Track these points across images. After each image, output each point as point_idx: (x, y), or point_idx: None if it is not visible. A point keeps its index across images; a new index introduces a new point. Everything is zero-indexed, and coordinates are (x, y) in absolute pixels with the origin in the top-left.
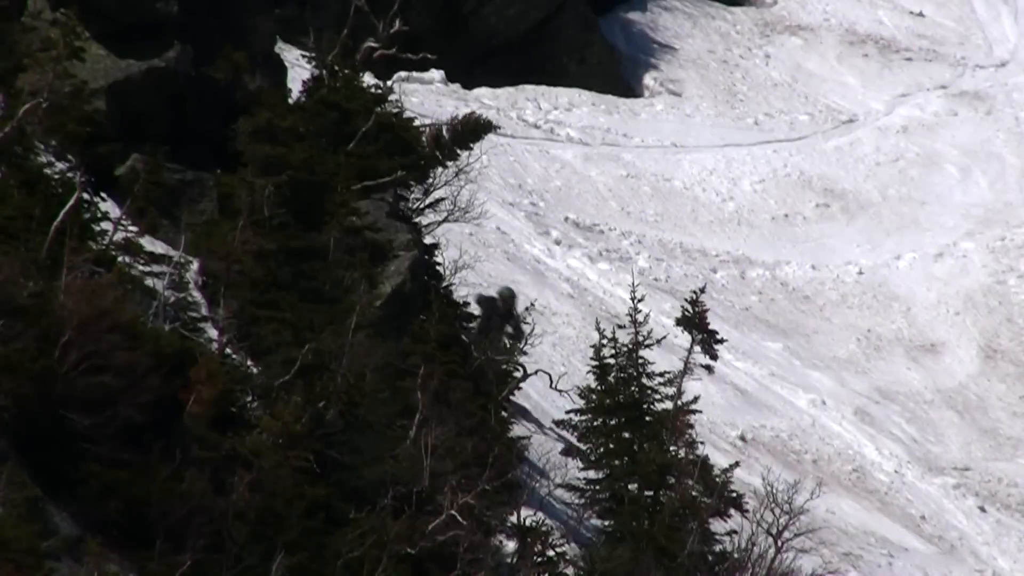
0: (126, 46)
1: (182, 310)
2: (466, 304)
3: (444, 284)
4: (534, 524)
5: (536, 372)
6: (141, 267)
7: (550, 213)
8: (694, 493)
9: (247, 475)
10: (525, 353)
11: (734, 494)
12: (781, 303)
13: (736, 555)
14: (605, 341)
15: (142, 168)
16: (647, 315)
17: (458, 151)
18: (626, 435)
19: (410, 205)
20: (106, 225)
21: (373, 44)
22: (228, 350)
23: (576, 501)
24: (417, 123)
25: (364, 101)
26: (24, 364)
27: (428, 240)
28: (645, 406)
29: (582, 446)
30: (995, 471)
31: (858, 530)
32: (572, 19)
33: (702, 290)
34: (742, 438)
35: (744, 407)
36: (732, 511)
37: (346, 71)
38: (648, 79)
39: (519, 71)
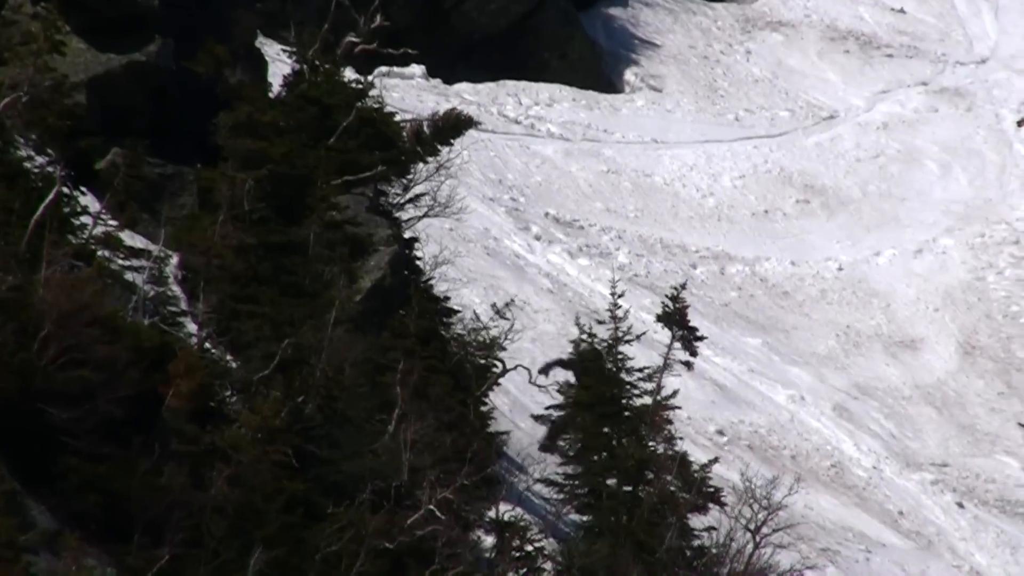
0: (107, 40)
1: (162, 304)
2: (447, 299)
3: (424, 279)
4: (513, 519)
5: (516, 367)
6: (121, 261)
7: (530, 208)
8: (673, 488)
9: (226, 469)
10: (504, 348)
11: (712, 489)
12: (761, 299)
13: (714, 550)
14: (584, 337)
15: (122, 162)
16: (627, 311)
17: (439, 146)
18: (605, 430)
19: (390, 200)
20: (86, 219)
21: (354, 39)
22: (207, 344)
23: (555, 496)
24: (398, 118)
25: (345, 96)
26: (3, 358)
27: (408, 235)
28: (624, 401)
29: (561, 441)
30: (973, 467)
31: (836, 525)
32: (553, 15)
33: (682, 286)
34: (720, 433)
35: (723, 403)
36: (710, 506)
37: (327, 66)
38: (629, 75)
39: (500, 66)
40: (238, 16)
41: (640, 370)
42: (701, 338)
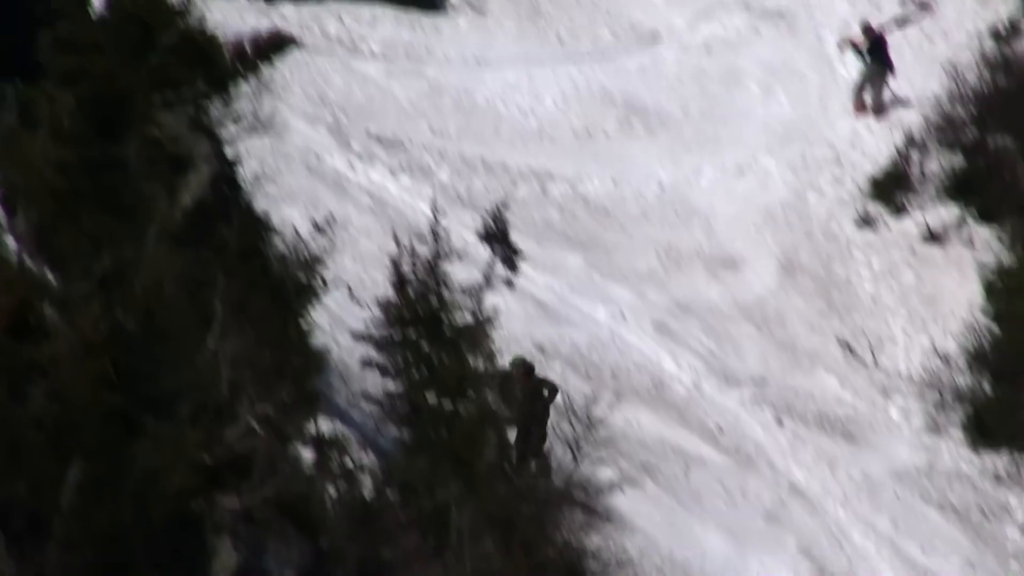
0: None
1: None
2: (267, 216)
3: (244, 196)
4: (332, 435)
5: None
6: None
7: (352, 127)
8: (492, 405)
9: (45, 384)
10: (325, 265)
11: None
12: (582, 217)
13: (534, 466)
14: (405, 254)
15: None
16: (448, 229)
17: (260, 65)
18: (425, 347)
19: (211, 118)
20: None
21: None
22: (27, 260)
23: (375, 411)
24: (219, 37)
25: (166, 15)
26: None
27: (229, 153)
28: (444, 318)
29: (382, 358)
30: (792, 384)
31: (655, 441)
32: None
33: (504, 205)
34: (540, 350)
35: (543, 320)
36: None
37: None
38: None
39: None
40: None
41: (461, 288)
42: (522, 256)
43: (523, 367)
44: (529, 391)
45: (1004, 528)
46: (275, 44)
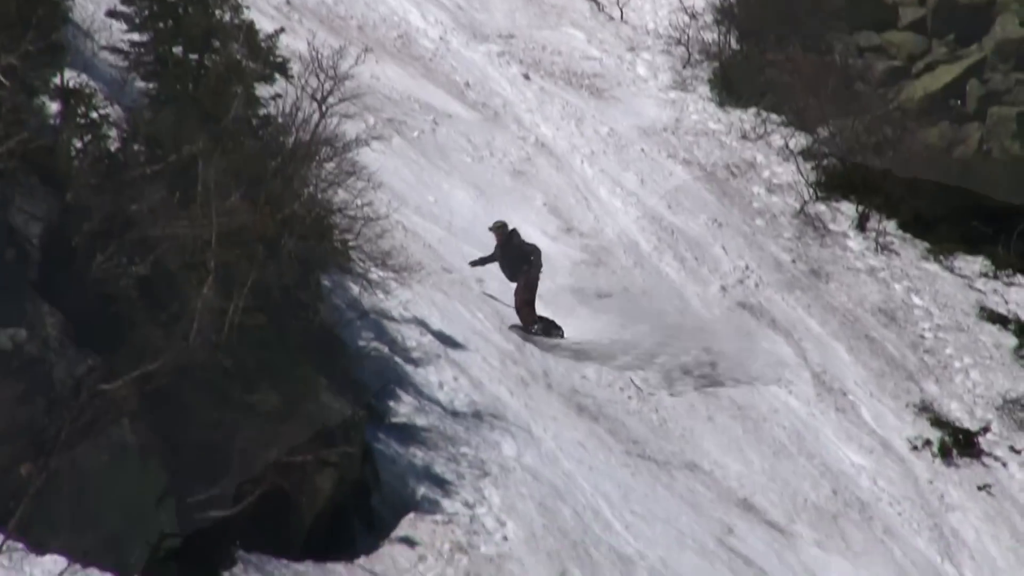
0: None
1: None
2: None
3: None
4: (78, 86)
5: None
6: None
7: None
8: (239, 57)
9: None
10: None
11: (279, 59)
12: None
13: (280, 119)
14: None
15: None
16: None
17: None
18: None
19: None
20: None
21: None
22: None
23: (120, 64)
24: None
25: None
26: None
27: None
28: None
29: (127, 9)
30: (539, 39)
31: (403, 96)
32: None
33: None
34: (288, 3)
35: None
36: (277, 76)
37: None
38: None
39: None
40: None
41: None
42: None
43: (503, 229)
44: (514, 252)
45: (750, 185)
46: None
